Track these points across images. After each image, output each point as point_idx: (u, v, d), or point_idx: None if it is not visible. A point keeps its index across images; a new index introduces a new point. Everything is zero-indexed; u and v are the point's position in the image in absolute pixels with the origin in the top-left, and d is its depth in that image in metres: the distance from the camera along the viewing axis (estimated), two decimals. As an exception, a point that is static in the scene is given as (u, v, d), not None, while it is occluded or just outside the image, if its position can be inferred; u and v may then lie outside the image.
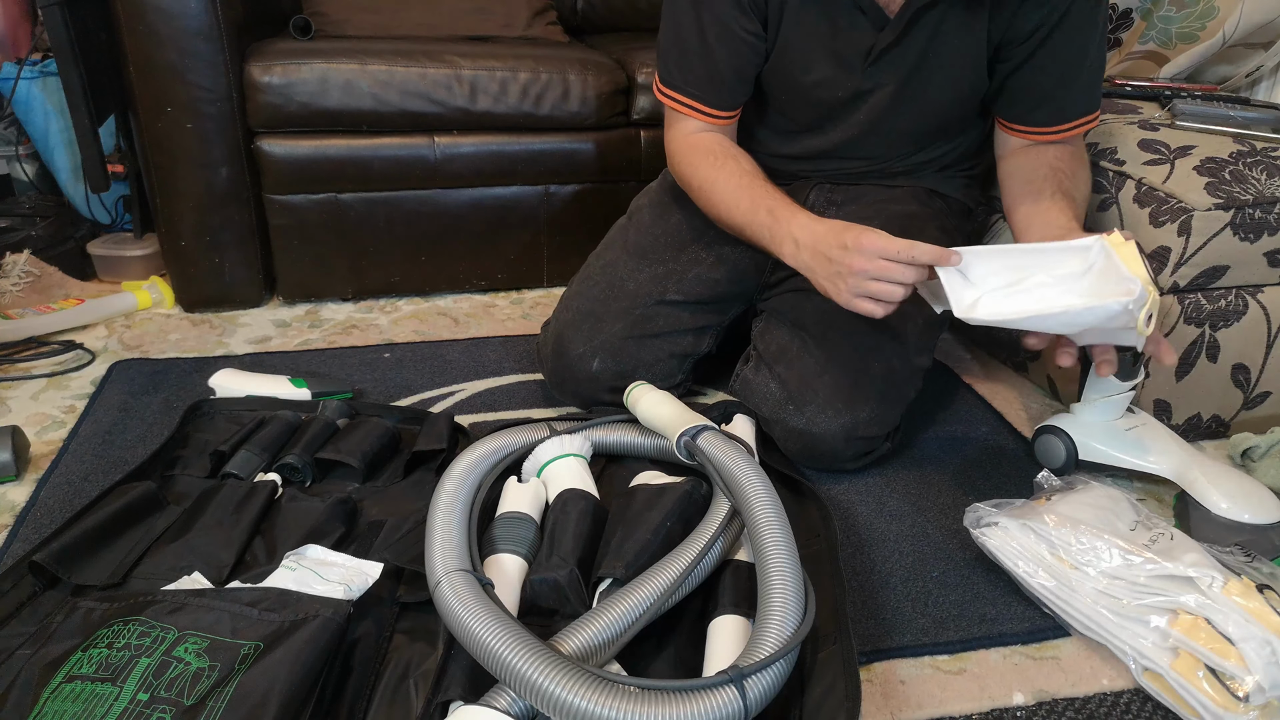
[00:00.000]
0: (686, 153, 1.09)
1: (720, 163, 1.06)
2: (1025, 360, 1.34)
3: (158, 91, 1.33)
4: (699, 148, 1.09)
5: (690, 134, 1.10)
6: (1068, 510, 0.88)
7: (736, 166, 1.05)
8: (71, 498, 0.98)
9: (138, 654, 0.68)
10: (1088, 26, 0.99)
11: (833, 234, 0.90)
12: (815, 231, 0.93)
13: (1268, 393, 1.18)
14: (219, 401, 1.15)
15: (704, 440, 0.94)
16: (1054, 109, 1.05)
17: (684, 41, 1.05)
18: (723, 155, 1.06)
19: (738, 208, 1.03)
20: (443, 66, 1.43)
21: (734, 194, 1.03)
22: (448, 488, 0.88)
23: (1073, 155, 1.06)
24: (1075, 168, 1.05)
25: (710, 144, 1.09)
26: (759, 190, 1.02)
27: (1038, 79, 1.03)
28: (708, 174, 1.06)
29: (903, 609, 0.86)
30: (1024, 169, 1.06)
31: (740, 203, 1.02)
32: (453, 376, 1.30)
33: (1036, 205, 1.01)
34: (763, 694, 0.66)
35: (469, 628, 0.68)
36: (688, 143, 1.10)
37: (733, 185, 1.04)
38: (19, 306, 1.42)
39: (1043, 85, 1.03)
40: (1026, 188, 1.04)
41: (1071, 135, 1.07)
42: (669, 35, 1.06)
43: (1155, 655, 0.77)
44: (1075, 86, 1.04)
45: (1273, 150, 1.10)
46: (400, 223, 1.51)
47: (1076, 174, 1.05)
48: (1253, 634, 0.73)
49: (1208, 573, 0.77)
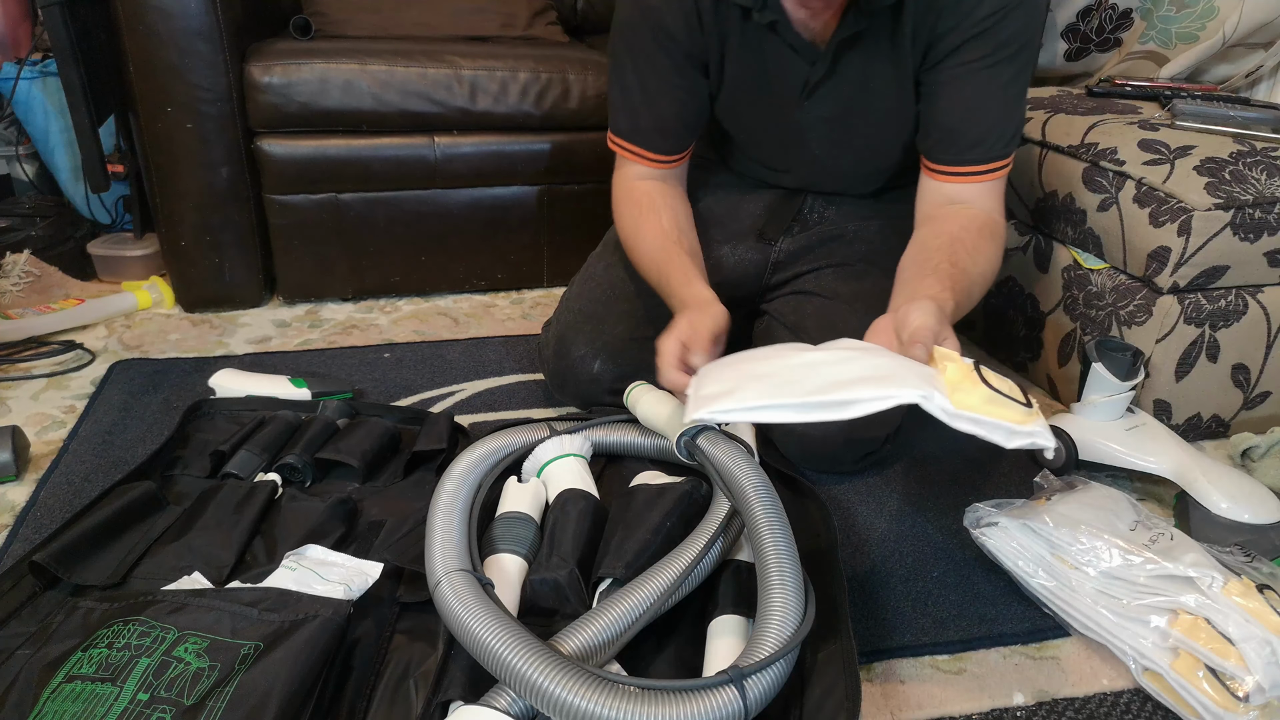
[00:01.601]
0: (622, 201, 1.12)
1: (644, 218, 1.08)
2: (1025, 360, 1.34)
3: (158, 91, 1.33)
4: (632, 198, 1.10)
5: (633, 180, 1.11)
6: (1067, 510, 0.88)
7: (656, 222, 1.07)
8: (71, 498, 0.98)
9: (138, 654, 0.68)
10: (1004, 65, 0.94)
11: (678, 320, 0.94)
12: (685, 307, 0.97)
13: (1268, 393, 1.18)
14: (219, 401, 1.15)
15: (704, 440, 0.94)
16: (955, 146, 0.97)
17: (627, 93, 1.07)
18: (649, 210, 1.08)
19: (650, 268, 1.06)
20: (443, 66, 1.43)
21: (650, 253, 1.06)
22: (448, 488, 0.88)
23: (980, 230, 0.96)
24: (980, 242, 0.95)
25: (641, 196, 1.10)
26: (671, 255, 1.03)
27: (944, 111, 0.97)
28: (631, 227, 1.09)
29: (903, 609, 0.86)
30: (924, 238, 0.97)
31: (653, 264, 1.05)
32: (453, 376, 1.30)
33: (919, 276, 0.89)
34: (763, 694, 0.66)
35: (469, 628, 0.68)
36: (625, 189, 1.12)
37: (649, 244, 1.06)
38: (19, 306, 1.42)
39: (947, 119, 0.97)
40: (917, 258, 0.94)
41: (972, 180, 0.98)
42: (614, 88, 1.09)
43: (1155, 655, 0.77)
44: (980, 126, 0.96)
45: (1273, 150, 1.10)
46: (400, 223, 1.51)
47: (979, 248, 0.94)
48: (1253, 634, 0.73)
49: (1208, 573, 0.77)
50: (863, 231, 1.15)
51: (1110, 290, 1.16)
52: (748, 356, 0.81)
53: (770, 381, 0.71)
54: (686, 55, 1.02)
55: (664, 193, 1.11)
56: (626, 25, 1.03)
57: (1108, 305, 1.16)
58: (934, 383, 0.66)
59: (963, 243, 0.93)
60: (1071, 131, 1.23)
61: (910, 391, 0.65)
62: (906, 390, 0.65)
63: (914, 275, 0.90)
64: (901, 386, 0.65)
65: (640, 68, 1.04)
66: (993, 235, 0.97)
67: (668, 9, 0.99)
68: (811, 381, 0.68)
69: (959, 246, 0.93)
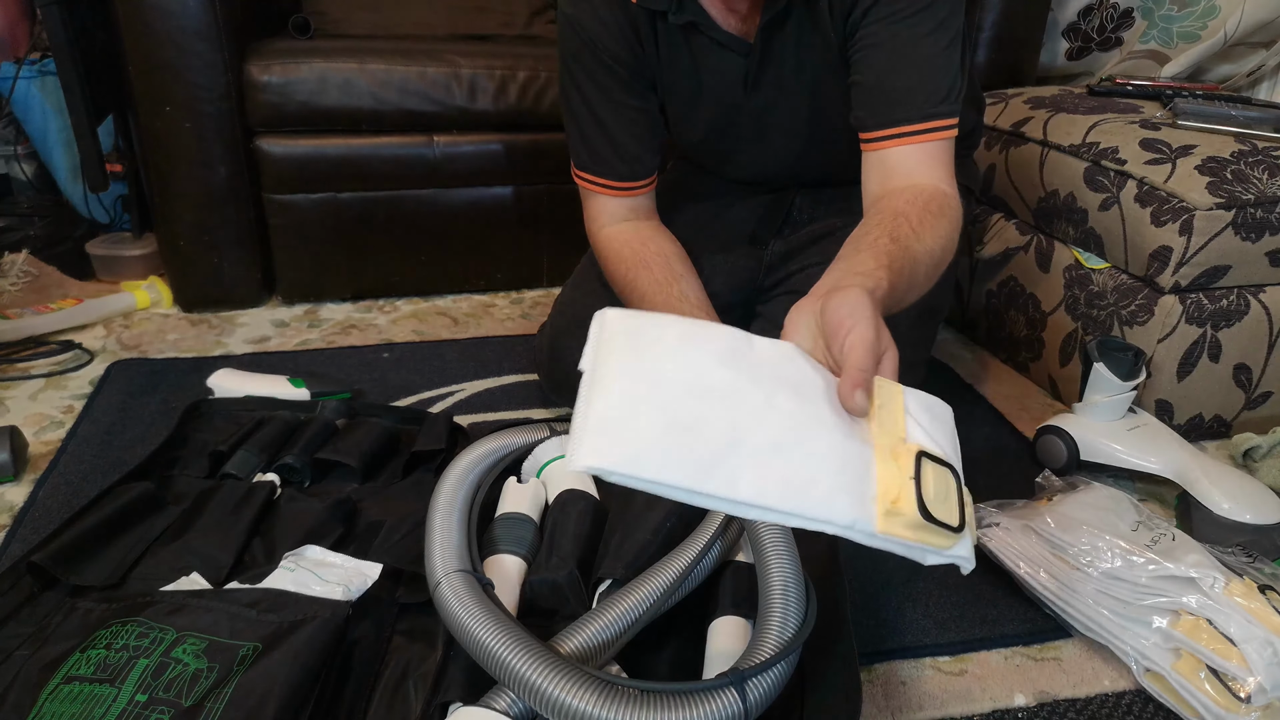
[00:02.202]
0: (606, 253, 1.09)
1: (635, 274, 1.05)
2: (1026, 360, 1.34)
3: (156, 91, 1.33)
4: (614, 253, 1.08)
5: (607, 228, 1.09)
6: (1069, 511, 0.88)
7: (650, 279, 1.04)
8: (70, 498, 0.98)
9: (136, 655, 0.68)
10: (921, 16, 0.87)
11: None
12: None
13: (1269, 393, 1.18)
14: (217, 402, 1.15)
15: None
16: (883, 105, 0.89)
17: (580, 124, 1.05)
18: (637, 265, 1.05)
19: None
20: (442, 65, 1.42)
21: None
22: (447, 488, 0.87)
23: (926, 204, 0.85)
24: (925, 217, 0.83)
25: (622, 248, 1.07)
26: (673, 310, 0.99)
27: (865, 71, 0.90)
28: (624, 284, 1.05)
29: (903, 610, 0.86)
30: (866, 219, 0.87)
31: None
32: (452, 376, 1.30)
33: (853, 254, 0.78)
34: (763, 696, 0.65)
35: (468, 628, 0.68)
36: (603, 240, 1.09)
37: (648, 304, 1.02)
38: (17, 306, 1.42)
39: (869, 77, 0.90)
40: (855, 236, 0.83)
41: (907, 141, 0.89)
42: (568, 121, 1.07)
43: (1157, 656, 0.76)
44: (904, 79, 0.88)
45: (1274, 149, 1.10)
46: (399, 222, 1.51)
47: (924, 223, 0.82)
48: (1255, 635, 0.73)
49: (1209, 573, 0.77)
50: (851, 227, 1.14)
51: (1112, 290, 1.16)
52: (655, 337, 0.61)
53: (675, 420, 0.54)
54: (632, 74, 1.00)
55: (642, 238, 1.07)
56: (569, 55, 1.01)
57: (1109, 305, 1.16)
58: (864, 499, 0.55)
59: (906, 217, 0.82)
60: (1073, 131, 1.23)
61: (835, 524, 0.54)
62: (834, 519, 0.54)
63: (848, 253, 0.78)
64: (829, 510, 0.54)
65: (589, 95, 1.02)
66: (941, 210, 0.85)
67: (605, 31, 0.97)
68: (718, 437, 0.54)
69: (901, 221, 0.81)
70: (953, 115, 0.89)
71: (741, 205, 1.19)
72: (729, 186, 1.21)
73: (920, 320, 1.09)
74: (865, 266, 0.73)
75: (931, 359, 1.39)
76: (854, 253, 0.78)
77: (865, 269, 0.73)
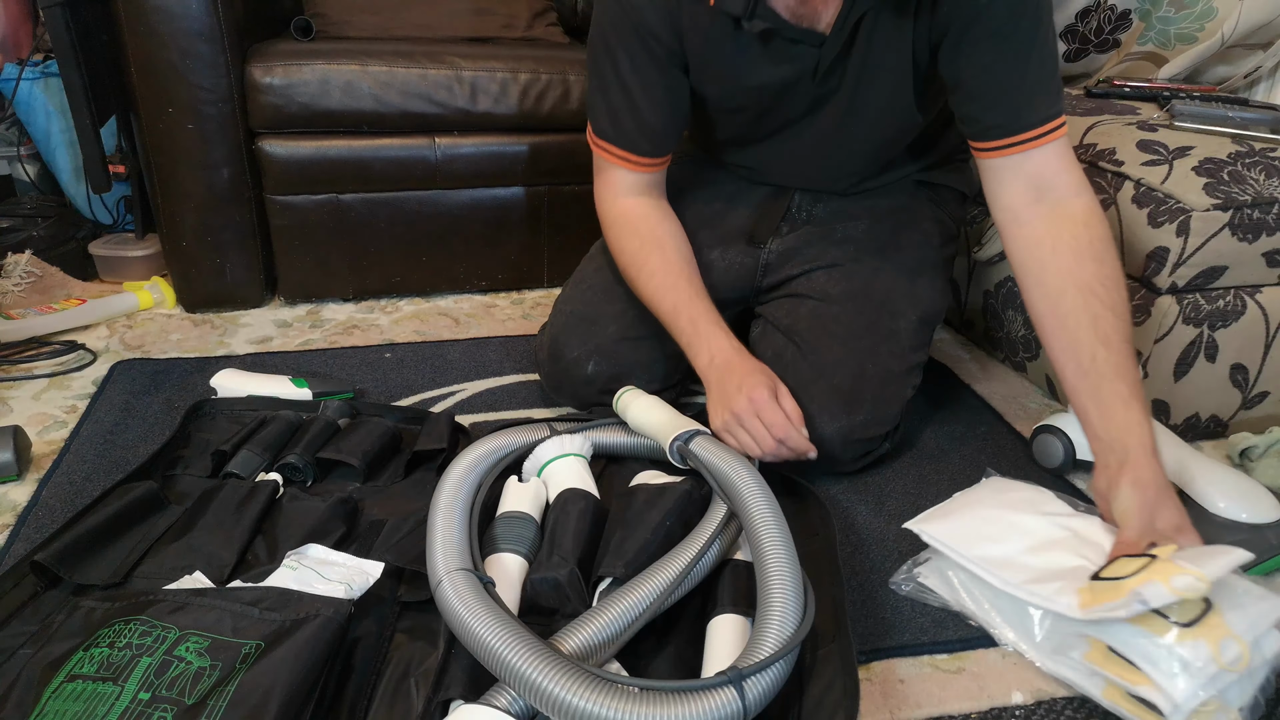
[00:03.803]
0: (618, 224, 1.10)
1: (648, 252, 1.07)
2: (1024, 360, 1.34)
3: (159, 92, 1.33)
4: (629, 225, 1.09)
5: (621, 198, 1.10)
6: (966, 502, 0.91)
7: (661, 258, 1.07)
8: (73, 497, 0.98)
9: (139, 653, 0.68)
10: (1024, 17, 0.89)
11: (739, 373, 0.98)
12: (729, 359, 1.00)
13: (1266, 393, 1.18)
14: (220, 401, 1.15)
15: (697, 445, 0.94)
16: (1002, 115, 0.92)
17: (607, 94, 1.05)
18: (650, 242, 1.08)
19: (662, 304, 1.06)
20: (443, 67, 1.43)
21: (659, 290, 1.06)
22: (448, 487, 0.88)
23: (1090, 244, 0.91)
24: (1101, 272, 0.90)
25: (639, 223, 1.09)
26: (683, 294, 1.05)
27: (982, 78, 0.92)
28: (633, 259, 1.08)
29: (901, 608, 0.86)
30: (1052, 293, 0.92)
31: (665, 301, 1.05)
32: (453, 376, 1.30)
33: (1082, 374, 0.89)
34: (762, 695, 0.66)
35: (469, 627, 0.69)
36: (616, 211, 1.10)
37: (658, 281, 1.06)
38: (21, 307, 1.43)
39: (987, 85, 0.92)
40: (1071, 347, 0.90)
41: (1041, 143, 0.92)
42: (595, 89, 1.07)
43: (1090, 686, 0.75)
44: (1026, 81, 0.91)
45: (1271, 151, 1.11)
46: (401, 223, 1.52)
47: (1108, 284, 0.89)
48: (1146, 651, 0.70)
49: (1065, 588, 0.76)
50: (850, 232, 1.15)
51: (1109, 291, 1.16)
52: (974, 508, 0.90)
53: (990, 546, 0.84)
54: (669, 54, 1.01)
55: (657, 217, 1.10)
56: (608, 24, 1.02)
57: (1107, 305, 1.17)
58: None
59: (1094, 294, 0.89)
60: (1070, 132, 1.23)
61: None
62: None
63: (1090, 388, 0.88)
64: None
65: (621, 67, 1.02)
66: (1104, 238, 0.91)
67: (649, 8, 0.98)
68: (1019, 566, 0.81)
69: (1096, 303, 0.89)
70: (1063, 109, 0.94)
71: (741, 204, 1.20)
72: (730, 186, 1.21)
73: (921, 326, 1.09)
74: (1135, 422, 0.86)
75: (930, 359, 1.39)
76: (1097, 392, 0.88)
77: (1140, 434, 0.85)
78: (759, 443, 0.95)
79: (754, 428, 0.95)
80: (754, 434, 0.95)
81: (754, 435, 0.95)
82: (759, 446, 0.95)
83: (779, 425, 0.94)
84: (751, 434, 0.95)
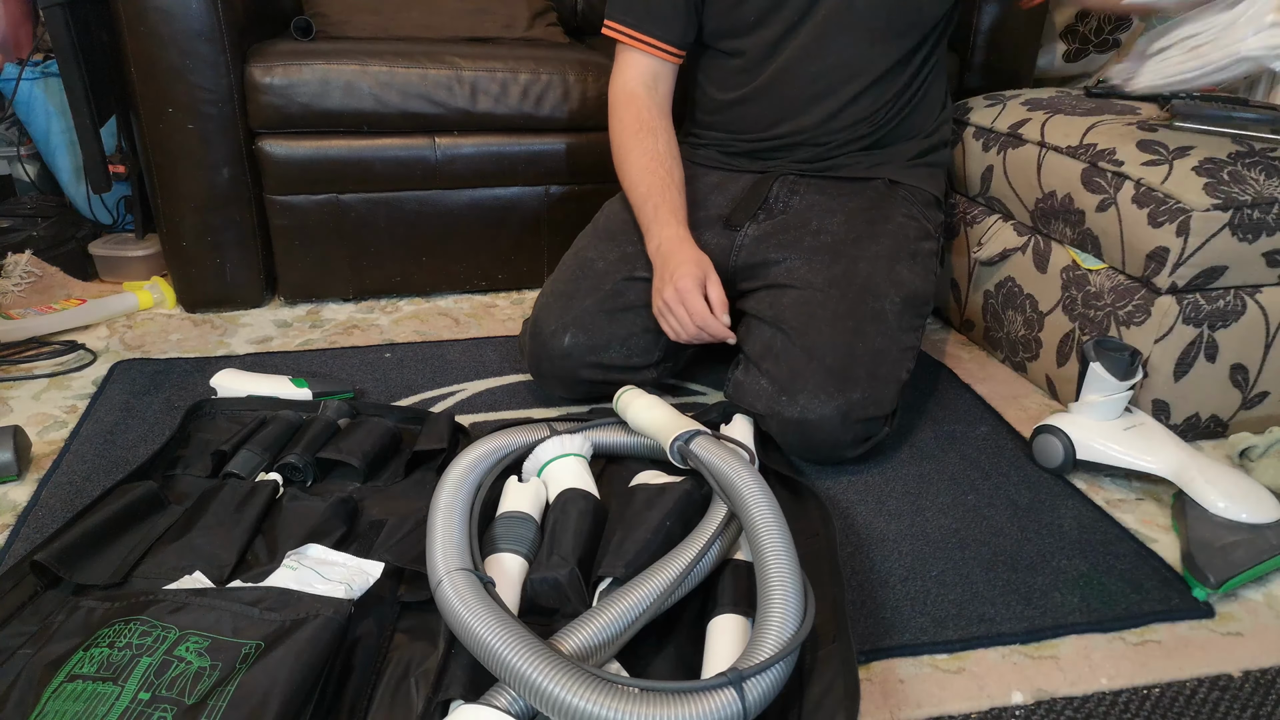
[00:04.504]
0: (622, 103, 1.20)
1: (640, 137, 1.18)
2: (1024, 360, 1.34)
3: (159, 92, 1.33)
4: (634, 107, 1.19)
5: (634, 84, 1.19)
6: None
7: (653, 144, 1.17)
8: (73, 497, 0.98)
9: (139, 653, 0.68)
10: None
11: (675, 261, 1.09)
12: (671, 247, 1.11)
13: (1266, 393, 1.18)
14: (220, 401, 1.15)
15: (697, 445, 0.94)
16: None
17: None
18: (645, 130, 1.18)
19: (638, 186, 1.17)
20: (443, 68, 1.43)
21: (642, 172, 1.17)
22: (448, 487, 0.88)
23: None
24: None
25: (642, 109, 1.19)
26: (658, 182, 1.15)
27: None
28: (625, 139, 1.19)
29: (902, 608, 0.86)
30: None
31: (639, 184, 1.16)
32: (453, 376, 1.30)
33: None
34: (762, 696, 0.66)
35: (470, 627, 0.69)
36: (626, 93, 1.20)
37: (644, 164, 1.17)
38: (20, 307, 1.43)
39: None
40: None
41: None
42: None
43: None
44: None
45: (1271, 151, 1.11)
46: (401, 223, 1.52)
47: None
48: None
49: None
50: (826, 224, 1.18)
51: (1109, 290, 1.16)
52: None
53: None
54: None
55: (659, 111, 1.20)
56: None
57: (1106, 305, 1.17)
58: None
59: None
60: (1070, 132, 1.24)
61: None
62: None
63: None
64: None
65: None
66: None
67: None
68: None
69: None
70: None
71: (723, 190, 1.26)
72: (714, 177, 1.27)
73: (907, 307, 1.10)
74: None
75: (930, 359, 1.39)
76: None
77: None
78: (682, 328, 1.07)
79: (679, 313, 1.07)
80: (679, 319, 1.07)
81: (679, 320, 1.07)
82: (683, 331, 1.08)
83: (698, 313, 1.06)
84: (677, 319, 1.07)
